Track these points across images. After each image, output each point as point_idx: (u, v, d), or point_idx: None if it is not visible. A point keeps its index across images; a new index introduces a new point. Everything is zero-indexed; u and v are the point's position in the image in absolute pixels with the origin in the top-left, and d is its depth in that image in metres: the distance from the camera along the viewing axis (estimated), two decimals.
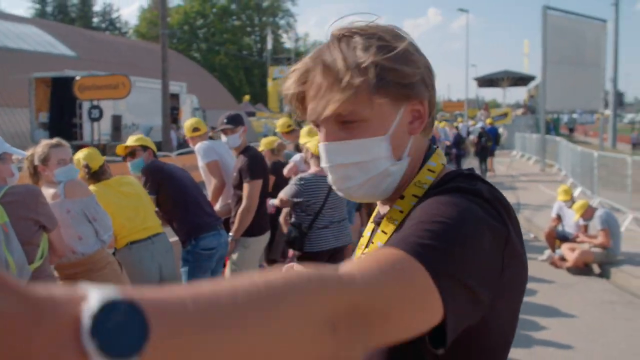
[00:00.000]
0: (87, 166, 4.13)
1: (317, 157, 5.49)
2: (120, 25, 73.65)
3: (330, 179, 1.18)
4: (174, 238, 4.85)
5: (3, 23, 31.31)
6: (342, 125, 1.10)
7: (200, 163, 5.64)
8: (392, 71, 1.07)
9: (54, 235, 3.23)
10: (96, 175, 4.17)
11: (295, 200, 5.27)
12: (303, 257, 5.55)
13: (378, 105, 1.08)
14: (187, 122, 5.96)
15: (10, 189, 3.01)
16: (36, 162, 3.61)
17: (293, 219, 5.52)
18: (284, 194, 5.17)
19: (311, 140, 5.36)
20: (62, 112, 20.47)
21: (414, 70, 1.09)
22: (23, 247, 2.94)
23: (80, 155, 4.18)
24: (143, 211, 4.16)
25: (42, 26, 35.41)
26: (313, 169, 5.37)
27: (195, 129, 5.79)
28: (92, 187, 3.99)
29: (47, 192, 3.49)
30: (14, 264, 2.85)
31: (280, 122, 7.96)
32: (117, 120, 19.98)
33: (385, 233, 1.14)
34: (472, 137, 21.71)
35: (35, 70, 22.88)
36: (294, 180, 5.32)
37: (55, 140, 3.70)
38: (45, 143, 3.66)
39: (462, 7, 47.39)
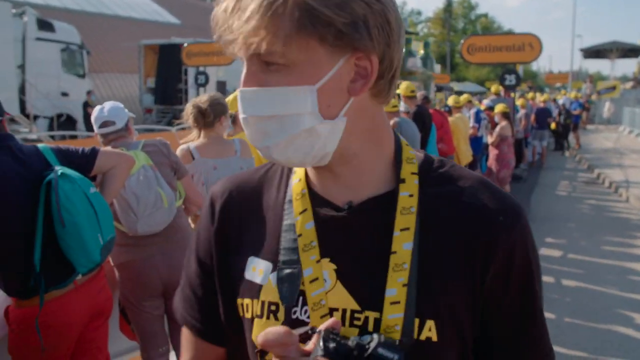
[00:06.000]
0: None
1: None
2: None
3: (246, 134, 0.98)
4: None
5: None
6: (266, 67, 0.91)
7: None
8: (311, 8, 0.86)
9: (185, 183, 3.53)
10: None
11: None
12: None
13: (311, 49, 0.88)
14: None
15: (146, 141, 3.39)
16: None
17: None
18: None
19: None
20: (167, 77, 21.31)
21: (341, 12, 0.87)
22: None
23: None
24: None
25: None
26: None
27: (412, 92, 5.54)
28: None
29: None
30: (166, 199, 3.22)
31: (404, 86, 7.42)
32: (221, 86, 20.55)
33: (408, 229, 0.97)
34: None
35: (143, 37, 23.88)
36: None
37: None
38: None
39: None
